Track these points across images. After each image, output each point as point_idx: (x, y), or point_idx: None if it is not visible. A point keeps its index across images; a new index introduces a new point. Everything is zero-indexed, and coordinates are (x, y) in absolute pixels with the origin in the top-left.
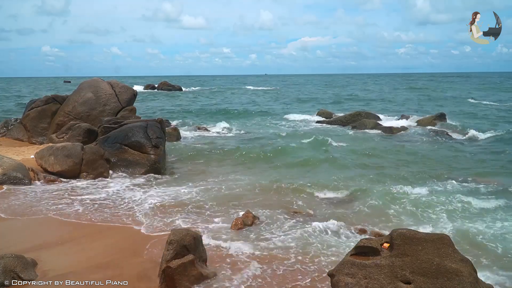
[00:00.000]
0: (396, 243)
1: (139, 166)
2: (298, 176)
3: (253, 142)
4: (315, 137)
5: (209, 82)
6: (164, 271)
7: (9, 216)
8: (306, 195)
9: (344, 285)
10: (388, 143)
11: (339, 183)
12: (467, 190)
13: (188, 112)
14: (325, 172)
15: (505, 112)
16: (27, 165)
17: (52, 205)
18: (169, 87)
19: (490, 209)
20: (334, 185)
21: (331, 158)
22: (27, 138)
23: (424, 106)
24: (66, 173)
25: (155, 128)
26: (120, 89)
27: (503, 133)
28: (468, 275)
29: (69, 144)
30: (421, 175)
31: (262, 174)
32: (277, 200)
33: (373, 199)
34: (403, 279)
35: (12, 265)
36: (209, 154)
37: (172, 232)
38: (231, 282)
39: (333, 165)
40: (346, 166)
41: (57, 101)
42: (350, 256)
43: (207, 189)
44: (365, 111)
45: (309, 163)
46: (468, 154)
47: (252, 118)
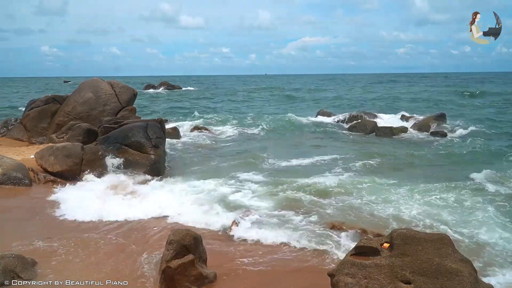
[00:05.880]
0: (396, 243)
1: (139, 166)
2: (301, 176)
3: (253, 142)
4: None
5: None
6: (164, 271)
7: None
8: (316, 196)
9: (344, 285)
10: (388, 144)
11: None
12: (469, 190)
13: (189, 112)
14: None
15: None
16: (27, 165)
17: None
18: (169, 87)
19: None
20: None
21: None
22: (27, 138)
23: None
24: (66, 173)
25: (155, 128)
26: (120, 89)
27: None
28: (468, 275)
29: (69, 144)
30: (423, 175)
31: (263, 172)
32: (278, 199)
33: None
34: (403, 279)
35: (12, 265)
36: (209, 154)
37: (172, 232)
38: (231, 282)
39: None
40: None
41: (57, 101)
42: (350, 256)
43: (207, 188)
44: (365, 111)
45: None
46: (468, 154)
47: (252, 118)
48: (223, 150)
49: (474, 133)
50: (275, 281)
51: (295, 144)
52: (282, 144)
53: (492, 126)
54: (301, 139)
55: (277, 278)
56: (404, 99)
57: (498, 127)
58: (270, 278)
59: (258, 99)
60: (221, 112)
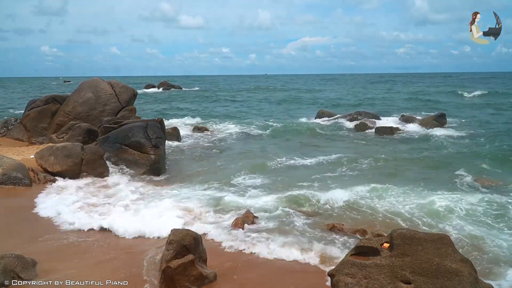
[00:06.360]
0: (396, 243)
1: (139, 166)
2: (302, 176)
3: (254, 142)
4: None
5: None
6: (164, 271)
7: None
8: (317, 196)
9: (344, 285)
10: (388, 144)
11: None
12: (469, 191)
13: (190, 112)
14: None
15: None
16: (27, 165)
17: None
18: (169, 86)
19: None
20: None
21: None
22: (27, 138)
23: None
24: (66, 173)
25: (155, 128)
26: (120, 89)
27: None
28: (468, 275)
29: (69, 144)
30: (423, 175)
31: (263, 174)
32: (278, 199)
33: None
34: (403, 279)
35: (12, 265)
36: (209, 154)
37: (172, 232)
38: (231, 282)
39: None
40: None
41: (57, 101)
42: (350, 256)
43: (206, 189)
44: (365, 111)
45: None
46: (468, 154)
47: (252, 118)
48: (224, 150)
49: (475, 133)
50: (275, 281)
51: (295, 144)
52: (282, 144)
53: (492, 126)
54: (301, 139)
55: (277, 278)
56: (404, 99)
57: (498, 128)
58: (270, 278)
59: (259, 99)
60: (222, 112)
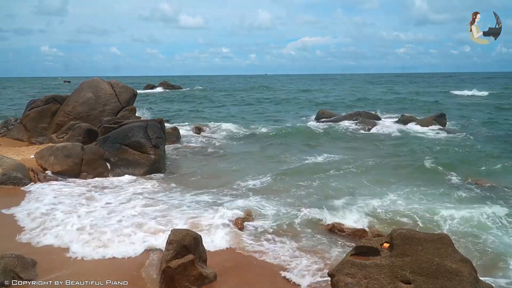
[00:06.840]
0: (396, 243)
1: (139, 166)
2: (302, 176)
3: (254, 143)
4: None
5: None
6: (164, 271)
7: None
8: (317, 196)
9: (344, 285)
10: (388, 144)
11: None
12: (469, 191)
13: (190, 112)
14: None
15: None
16: (27, 165)
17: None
18: (169, 87)
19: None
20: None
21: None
22: (27, 138)
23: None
24: (66, 173)
25: (155, 128)
26: (120, 89)
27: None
28: (468, 275)
29: (69, 144)
30: (423, 175)
31: (263, 174)
32: (278, 200)
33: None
34: (403, 279)
35: (12, 265)
36: (209, 154)
37: (172, 232)
38: (231, 282)
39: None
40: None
41: (57, 101)
42: (350, 256)
43: (206, 188)
44: (365, 111)
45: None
46: (468, 154)
47: (253, 118)
48: (224, 150)
49: (475, 133)
50: (275, 281)
51: (295, 144)
52: (282, 144)
53: (492, 126)
54: (301, 140)
55: (277, 278)
56: (404, 99)
57: (498, 128)
58: (270, 278)
59: (259, 99)
60: (222, 112)
